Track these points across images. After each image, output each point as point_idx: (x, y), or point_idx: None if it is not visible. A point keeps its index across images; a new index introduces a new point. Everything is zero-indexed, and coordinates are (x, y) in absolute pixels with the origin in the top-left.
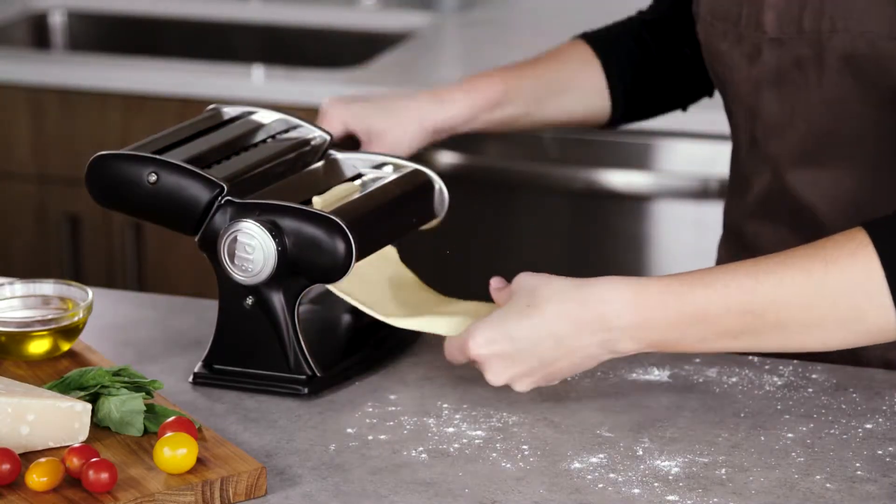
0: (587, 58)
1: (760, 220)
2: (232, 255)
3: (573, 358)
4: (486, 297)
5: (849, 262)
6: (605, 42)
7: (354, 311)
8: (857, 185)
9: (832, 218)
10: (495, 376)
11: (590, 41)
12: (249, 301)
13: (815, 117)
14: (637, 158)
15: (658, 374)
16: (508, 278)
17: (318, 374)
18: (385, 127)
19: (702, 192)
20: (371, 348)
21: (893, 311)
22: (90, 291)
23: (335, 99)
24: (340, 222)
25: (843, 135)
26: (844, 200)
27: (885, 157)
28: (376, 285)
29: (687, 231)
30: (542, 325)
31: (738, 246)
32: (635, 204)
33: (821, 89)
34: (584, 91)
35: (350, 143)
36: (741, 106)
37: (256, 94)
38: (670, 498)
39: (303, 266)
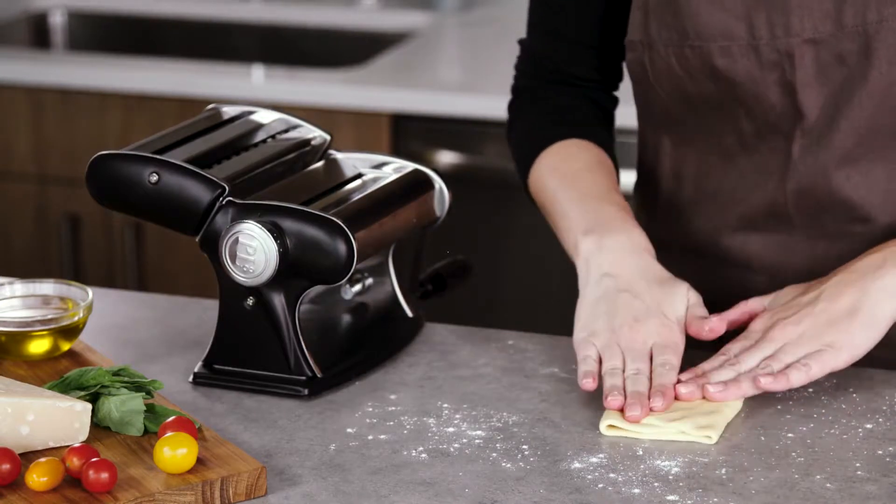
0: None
1: (748, 233)
2: (233, 256)
3: (853, 287)
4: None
5: None
6: (602, 140)
7: (354, 311)
8: None
9: (875, 214)
10: (781, 333)
11: (600, 143)
12: (250, 301)
13: (857, 112)
14: (636, 158)
15: None
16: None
17: (319, 375)
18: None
19: None
20: (371, 348)
21: None
22: (90, 291)
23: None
24: (341, 223)
25: (886, 127)
26: (885, 192)
27: None
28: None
29: None
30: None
31: (709, 263)
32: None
33: (866, 83)
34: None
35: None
36: (754, 119)
37: (256, 94)
38: (670, 498)
39: (304, 267)
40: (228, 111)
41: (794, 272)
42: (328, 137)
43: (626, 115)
